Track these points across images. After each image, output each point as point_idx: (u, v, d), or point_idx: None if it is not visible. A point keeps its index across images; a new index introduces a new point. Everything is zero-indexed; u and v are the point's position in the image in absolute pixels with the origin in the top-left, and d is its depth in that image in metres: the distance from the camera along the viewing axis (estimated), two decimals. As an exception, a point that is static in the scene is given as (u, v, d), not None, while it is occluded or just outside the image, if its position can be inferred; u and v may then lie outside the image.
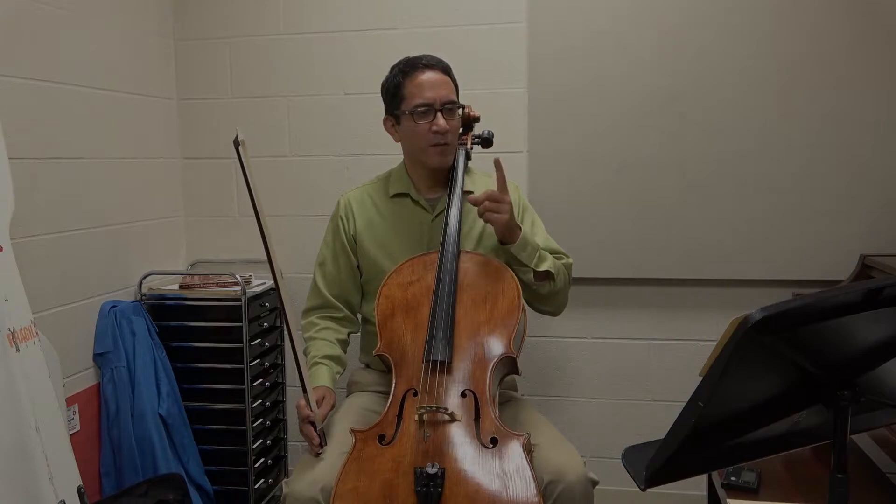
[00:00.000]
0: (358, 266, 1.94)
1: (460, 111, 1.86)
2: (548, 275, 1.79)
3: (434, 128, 1.79)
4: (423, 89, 1.80)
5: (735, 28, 2.36)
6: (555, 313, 1.94)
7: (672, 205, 2.45)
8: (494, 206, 1.69)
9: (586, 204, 2.48)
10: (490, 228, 1.91)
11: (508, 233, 1.74)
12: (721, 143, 2.40)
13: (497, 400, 1.61)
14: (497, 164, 1.70)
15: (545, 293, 1.82)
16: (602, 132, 2.46)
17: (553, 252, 1.86)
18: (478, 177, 1.97)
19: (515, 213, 1.78)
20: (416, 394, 1.59)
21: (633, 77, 2.43)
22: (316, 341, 1.87)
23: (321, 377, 1.77)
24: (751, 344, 0.86)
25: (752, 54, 2.36)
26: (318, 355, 1.82)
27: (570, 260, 1.91)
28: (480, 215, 1.72)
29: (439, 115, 1.79)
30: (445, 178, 1.88)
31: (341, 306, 1.93)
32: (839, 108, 2.33)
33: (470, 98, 1.93)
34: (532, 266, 1.76)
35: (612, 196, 2.47)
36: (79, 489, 1.79)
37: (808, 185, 2.37)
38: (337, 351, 1.87)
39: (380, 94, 1.92)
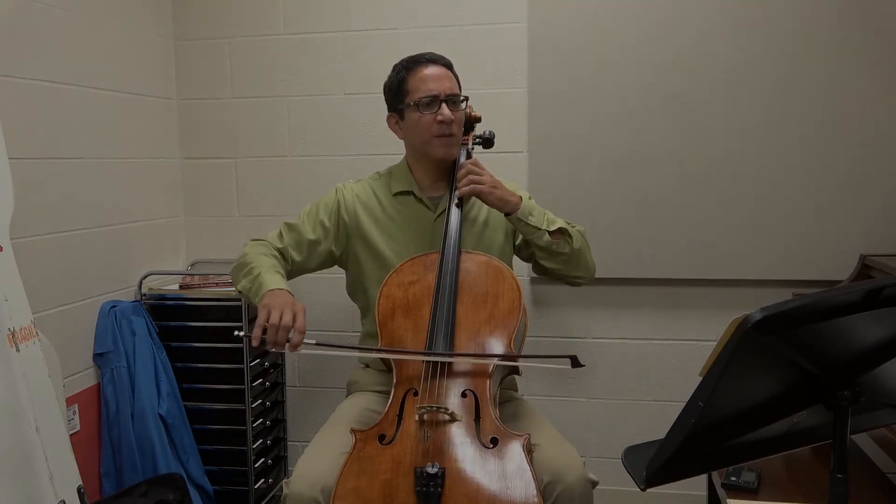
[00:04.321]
0: (339, 256, 1.92)
1: (464, 104, 1.86)
2: (563, 232, 1.81)
3: (439, 118, 1.79)
4: (427, 82, 1.81)
5: (735, 27, 2.36)
6: (587, 277, 1.92)
7: (672, 205, 2.45)
8: (476, 170, 1.76)
9: (586, 204, 2.48)
10: (491, 225, 1.91)
11: (504, 203, 1.76)
12: (721, 143, 2.40)
13: (497, 400, 1.61)
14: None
15: (568, 253, 1.82)
16: (602, 132, 2.46)
17: None
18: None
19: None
20: (416, 394, 1.59)
21: (633, 77, 2.43)
22: (267, 258, 1.80)
23: (280, 282, 1.70)
24: (751, 344, 0.86)
25: (752, 54, 2.36)
26: (269, 268, 1.75)
27: (582, 228, 1.91)
28: (465, 186, 1.75)
29: (444, 105, 1.79)
30: (447, 176, 1.88)
31: (290, 265, 1.88)
32: (840, 108, 2.33)
33: (470, 98, 1.93)
34: (544, 227, 1.77)
35: (612, 196, 2.47)
36: (79, 489, 1.79)
37: (809, 185, 2.37)
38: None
39: (380, 94, 1.93)
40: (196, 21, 2.70)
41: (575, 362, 1.52)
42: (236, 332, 1.66)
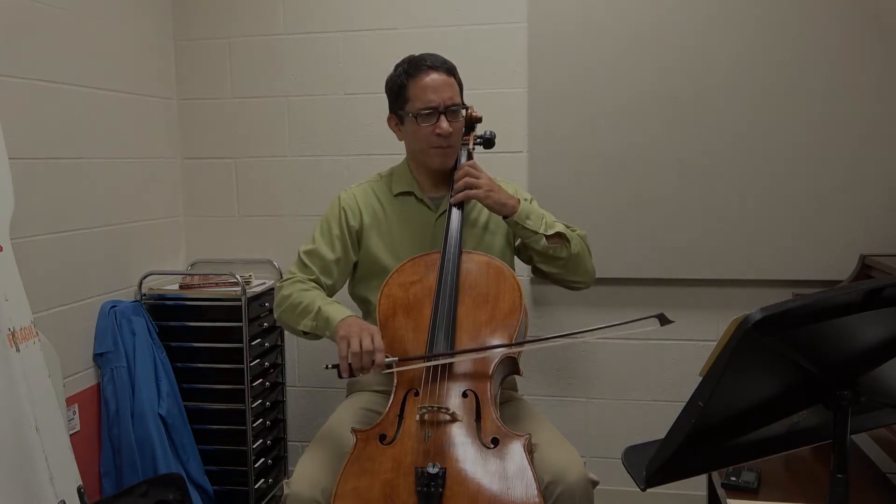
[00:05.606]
0: (355, 263, 1.92)
1: (464, 112, 1.86)
2: (561, 236, 1.80)
3: (437, 131, 1.78)
4: (426, 92, 1.79)
5: (735, 27, 2.36)
6: (586, 282, 1.92)
7: (672, 205, 2.45)
8: (473, 173, 1.78)
9: (586, 204, 2.48)
10: (490, 229, 1.91)
11: (500, 206, 1.77)
12: (721, 143, 2.40)
13: (498, 400, 1.61)
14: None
15: (566, 257, 1.82)
16: (602, 132, 2.46)
17: None
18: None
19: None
20: (417, 394, 1.59)
21: (632, 77, 2.43)
22: (311, 291, 1.79)
23: (343, 310, 1.71)
24: (751, 344, 0.86)
25: (751, 53, 2.36)
26: (323, 301, 1.75)
27: (583, 232, 1.90)
28: (460, 191, 1.77)
29: (442, 117, 1.79)
30: (448, 177, 1.88)
31: (325, 291, 1.86)
32: (839, 107, 2.33)
33: (470, 98, 1.93)
34: (541, 231, 1.77)
35: (612, 196, 2.47)
36: (79, 489, 1.79)
37: (809, 185, 2.37)
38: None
39: (380, 94, 1.92)
40: (196, 21, 2.70)
41: (664, 320, 1.50)
42: (326, 366, 1.64)
